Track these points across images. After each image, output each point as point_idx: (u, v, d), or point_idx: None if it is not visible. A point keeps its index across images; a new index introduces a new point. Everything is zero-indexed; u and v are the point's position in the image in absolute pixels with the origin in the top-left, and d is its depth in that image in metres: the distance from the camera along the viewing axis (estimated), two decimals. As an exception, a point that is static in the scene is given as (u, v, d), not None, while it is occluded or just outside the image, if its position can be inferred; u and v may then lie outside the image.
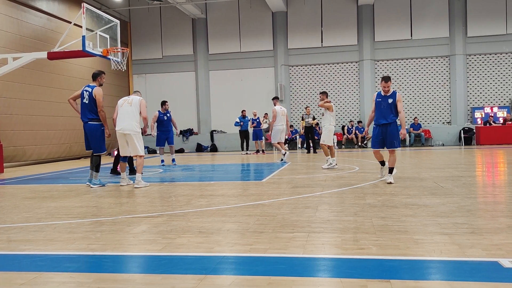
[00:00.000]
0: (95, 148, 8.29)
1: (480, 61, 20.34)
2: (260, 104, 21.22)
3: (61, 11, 17.26)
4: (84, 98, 8.30)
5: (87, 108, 8.24)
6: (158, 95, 22.71)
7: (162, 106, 13.04)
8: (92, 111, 8.22)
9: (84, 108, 8.31)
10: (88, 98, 8.24)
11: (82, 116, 8.36)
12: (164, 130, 12.92)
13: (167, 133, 12.93)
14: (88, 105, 8.24)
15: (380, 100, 7.51)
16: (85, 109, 8.29)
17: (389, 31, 20.71)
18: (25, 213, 5.71)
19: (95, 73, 8.48)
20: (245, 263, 3.38)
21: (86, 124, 8.29)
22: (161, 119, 12.86)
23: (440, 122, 20.81)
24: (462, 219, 4.51)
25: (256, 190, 7.10)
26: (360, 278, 2.89)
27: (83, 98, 8.33)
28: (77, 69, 18.09)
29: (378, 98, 7.56)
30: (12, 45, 14.42)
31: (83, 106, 8.32)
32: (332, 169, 10.02)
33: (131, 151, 8.20)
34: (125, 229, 4.54)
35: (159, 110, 13.09)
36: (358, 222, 4.52)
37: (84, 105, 8.29)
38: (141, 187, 7.87)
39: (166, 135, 12.96)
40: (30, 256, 3.68)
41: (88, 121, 8.24)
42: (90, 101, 8.23)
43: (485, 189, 6.93)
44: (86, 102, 8.27)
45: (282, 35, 21.47)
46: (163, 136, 12.95)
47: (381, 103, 7.48)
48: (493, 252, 3.36)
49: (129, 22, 22.67)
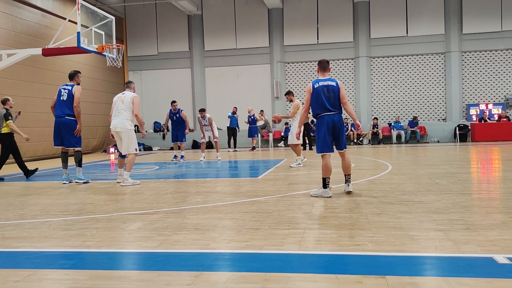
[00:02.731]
0: (70, 143, 8.37)
1: (475, 58, 20.41)
2: (256, 101, 21.22)
3: (55, 7, 17.15)
4: (62, 95, 8.41)
5: (65, 104, 8.35)
6: (153, 92, 22.70)
7: (172, 105, 13.42)
8: (69, 108, 8.35)
9: (61, 105, 8.38)
10: (67, 95, 8.37)
11: (57, 112, 8.41)
12: (174, 128, 13.45)
13: (176, 130, 13.37)
14: (66, 102, 8.35)
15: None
16: (62, 106, 8.36)
17: (385, 28, 20.73)
18: (20, 210, 5.69)
19: (71, 73, 8.68)
20: (241, 260, 3.38)
21: (62, 118, 8.34)
22: (171, 118, 13.37)
23: (435, 119, 20.87)
24: (457, 215, 4.53)
25: (252, 187, 7.10)
26: (356, 274, 2.90)
27: (60, 96, 8.43)
28: (72, 65, 17.92)
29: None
30: (7, 42, 14.32)
31: (60, 103, 8.40)
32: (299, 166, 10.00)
33: (123, 150, 8.16)
34: (121, 226, 4.53)
35: (170, 109, 13.42)
36: (353, 218, 4.53)
37: (62, 102, 8.38)
38: (128, 185, 7.79)
39: (176, 132, 13.40)
40: (25, 253, 3.67)
41: (65, 115, 8.32)
42: (69, 98, 8.36)
43: (480, 186, 6.96)
44: (63, 99, 8.38)
45: (278, 31, 21.45)
46: (174, 133, 13.45)
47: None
48: (488, 248, 3.37)
49: (124, 18, 22.57)
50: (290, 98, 10.50)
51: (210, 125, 13.49)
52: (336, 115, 5.98)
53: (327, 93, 5.98)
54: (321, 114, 6.01)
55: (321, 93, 5.99)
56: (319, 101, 6.00)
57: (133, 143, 8.10)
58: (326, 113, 5.97)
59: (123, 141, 8.08)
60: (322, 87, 6.01)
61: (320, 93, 6.00)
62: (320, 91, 6.00)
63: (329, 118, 5.96)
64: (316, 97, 6.02)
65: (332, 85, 6.02)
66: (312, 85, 6.11)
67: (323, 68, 6.23)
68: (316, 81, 6.13)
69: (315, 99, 6.05)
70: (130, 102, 8.14)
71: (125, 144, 8.06)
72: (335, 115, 5.97)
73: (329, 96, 5.98)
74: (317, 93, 6.01)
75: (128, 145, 8.05)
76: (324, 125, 5.98)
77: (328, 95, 5.98)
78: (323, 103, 5.97)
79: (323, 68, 6.23)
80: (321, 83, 6.04)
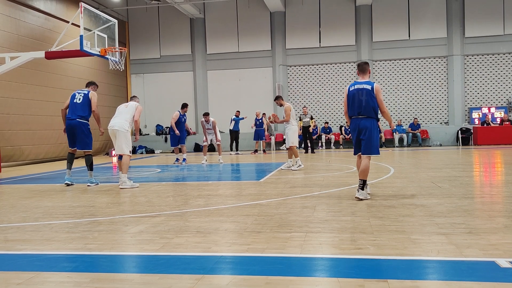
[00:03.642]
0: (82, 144, 8.46)
1: (477, 61, 20.39)
2: (258, 104, 21.23)
3: (59, 10, 17.22)
4: (77, 98, 8.49)
5: (79, 107, 8.41)
6: (156, 95, 22.74)
7: (183, 109, 13.44)
8: (83, 110, 8.42)
9: (75, 107, 8.44)
10: (83, 99, 8.46)
11: (70, 115, 8.45)
12: (178, 130, 13.41)
13: (180, 133, 13.37)
14: (80, 105, 8.42)
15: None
16: (76, 108, 8.42)
17: (387, 32, 20.74)
18: (22, 212, 5.70)
19: (90, 82, 8.88)
20: (242, 263, 3.38)
21: (73, 121, 8.38)
22: (179, 120, 13.37)
23: (437, 122, 20.84)
24: (460, 219, 4.52)
25: (254, 190, 7.09)
26: (358, 277, 2.90)
27: (74, 99, 8.50)
28: (75, 68, 18.05)
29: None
30: (10, 45, 14.37)
31: (74, 106, 8.46)
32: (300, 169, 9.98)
33: (116, 149, 8.20)
34: (123, 229, 4.54)
35: (179, 110, 13.43)
36: (355, 222, 4.53)
37: (76, 105, 8.45)
38: (126, 188, 7.82)
39: (179, 136, 13.41)
40: (27, 256, 3.67)
41: (77, 118, 8.36)
42: (83, 102, 8.45)
43: (482, 189, 6.94)
44: (78, 102, 8.45)
45: (280, 35, 21.47)
46: (176, 136, 13.43)
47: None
48: (490, 252, 3.36)
49: (127, 21, 22.64)
50: (280, 102, 10.52)
51: (213, 129, 13.54)
52: (363, 120, 5.96)
53: (360, 96, 5.97)
54: (351, 117, 6.11)
55: (353, 96, 6.02)
56: (351, 104, 6.06)
57: (128, 144, 8.14)
58: (355, 116, 6.04)
59: (117, 140, 8.11)
60: (356, 90, 6.01)
61: (353, 96, 6.03)
62: (354, 94, 6.02)
63: (356, 121, 6.01)
64: (349, 100, 6.09)
65: (367, 88, 5.96)
66: (348, 87, 6.18)
67: (362, 70, 6.20)
68: (352, 84, 6.16)
69: (349, 102, 6.10)
70: (134, 108, 8.33)
71: (120, 144, 8.08)
72: (362, 119, 5.96)
73: (361, 99, 5.96)
74: (350, 96, 6.07)
75: (123, 145, 8.07)
76: (352, 128, 6.11)
77: (360, 98, 5.96)
78: (354, 106, 6.02)
79: (362, 70, 6.20)
80: (356, 86, 6.05)
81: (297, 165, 10.19)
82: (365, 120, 5.95)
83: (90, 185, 8.34)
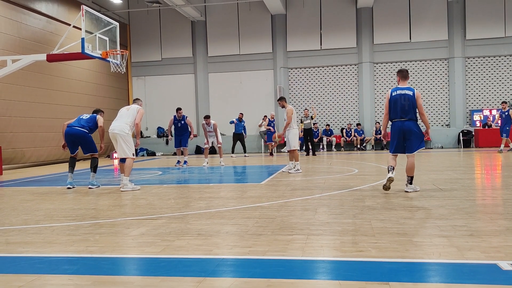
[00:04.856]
0: (89, 148, 8.63)
1: (479, 63, 20.38)
2: (259, 106, 21.26)
3: (60, 13, 17.27)
4: (83, 115, 8.82)
5: (84, 121, 8.67)
6: (157, 98, 22.76)
7: (176, 113, 13.67)
8: (88, 123, 8.64)
9: (80, 119, 8.69)
10: (89, 117, 8.76)
11: (73, 123, 8.63)
12: (178, 133, 13.70)
13: (180, 136, 13.65)
14: (85, 120, 8.69)
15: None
16: (82, 122, 8.64)
17: (388, 34, 20.74)
18: (23, 215, 5.70)
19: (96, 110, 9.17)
20: (244, 266, 3.38)
21: (75, 129, 8.53)
22: (175, 125, 13.66)
23: (439, 124, 20.83)
24: (461, 221, 4.51)
25: (255, 192, 7.09)
26: (359, 280, 2.89)
27: (80, 116, 8.83)
28: (76, 71, 18.10)
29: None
30: (12, 47, 14.41)
31: (79, 119, 8.72)
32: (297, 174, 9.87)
33: (119, 153, 8.19)
34: (124, 231, 4.54)
35: (174, 115, 13.64)
36: (357, 224, 4.52)
37: (81, 119, 8.71)
38: (127, 191, 7.81)
39: (180, 138, 13.67)
40: (28, 258, 3.68)
41: (80, 127, 8.54)
42: (89, 119, 8.71)
43: (484, 192, 6.93)
44: (85, 118, 8.72)
45: (281, 37, 21.50)
46: (177, 138, 13.69)
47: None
48: (492, 255, 3.36)
49: (128, 24, 22.69)
50: (283, 104, 10.51)
51: (215, 131, 13.60)
52: (406, 122, 6.51)
53: (402, 101, 6.51)
54: (393, 120, 6.63)
55: (396, 101, 6.53)
56: (393, 108, 6.58)
57: (130, 147, 8.14)
58: (398, 119, 6.56)
59: (119, 144, 8.10)
60: (399, 95, 6.54)
61: (396, 101, 6.55)
62: (397, 99, 6.53)
63: (400, 124, 6.53)
64: (392, 104, 6.59)
65: (409, 94, 6.51)
66: (390, 92, 6.67)
67: (403, 76, 6.72)
68: (394, 89, 6.67)
69: (391, 106, 6.61)
70: (136, 111, 8.31)
71: (121, 147, 8.06)
72: (405, 122, 6.51)
73: (404, 104, 6.50)
74: (393, 101, 6.58)
75: (125, 149, 8.06)
76: (394, 130, 6.61)
77: (403, 103, 6.50)
78: (397, 110, 6.54)
79: (403, 76, 6.72)
80: (398, 92, 6.58)
81: (295, 169, 10.12)
82: (408, 123, 6.51)
83: (92, 187, 8.37)
